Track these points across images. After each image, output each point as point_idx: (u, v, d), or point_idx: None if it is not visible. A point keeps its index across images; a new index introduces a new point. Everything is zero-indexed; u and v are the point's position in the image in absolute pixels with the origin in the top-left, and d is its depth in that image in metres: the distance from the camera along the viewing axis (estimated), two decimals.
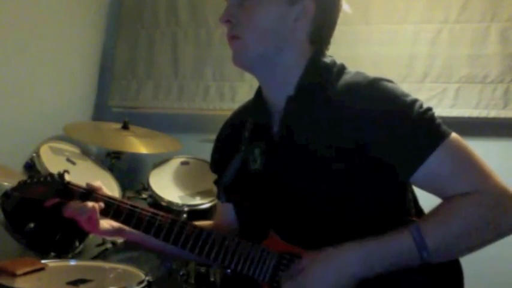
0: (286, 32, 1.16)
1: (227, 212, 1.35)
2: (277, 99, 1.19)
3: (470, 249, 1.06)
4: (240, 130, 1.28)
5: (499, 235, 1.05)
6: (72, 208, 1.27)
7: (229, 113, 1.42)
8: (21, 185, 1.37)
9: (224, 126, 1.40)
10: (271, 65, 1.17)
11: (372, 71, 1.16)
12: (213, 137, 1.43)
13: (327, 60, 1.20)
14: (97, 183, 1.32)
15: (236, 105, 1.42)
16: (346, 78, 1.16)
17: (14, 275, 1.32)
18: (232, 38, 1.17)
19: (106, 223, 1.31)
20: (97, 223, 1.27)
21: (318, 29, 1.19)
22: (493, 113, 2.35)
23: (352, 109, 1.09)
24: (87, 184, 1.32)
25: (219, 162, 1.36)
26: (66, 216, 1.28)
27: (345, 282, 1.04)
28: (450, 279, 1.11)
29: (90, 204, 1.25)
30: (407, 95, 1.10)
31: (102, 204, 1.27)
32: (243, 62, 1.19)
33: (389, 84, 1.12)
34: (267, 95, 1.23)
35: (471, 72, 2.38)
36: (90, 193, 1.29)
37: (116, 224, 1.32)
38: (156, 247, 1.35)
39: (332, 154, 1.10)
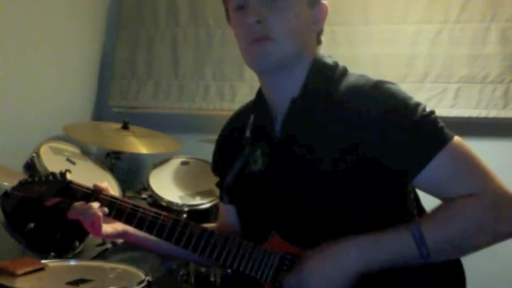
0: (307, 34, 1.18)
1: (229, 213, 1.35)
2: (281, 100, 1.19)
3: (470, 249, 1.06)
4: (241, 132, 1.28)
5: (500, 237, 1.05)
6: (76, 210, 1.25)
7: (229, 113, 1.42)
8: (22, 184, 1.36)
9: (224, 128, 1.40)
10: (290, 67, 1.16)
11: (371, 71, 1.17)
12: (213, 137, 1.42)
13: (329, 61, 1.20)
14: (103, 184, 1.31)
15: (236, 105, 1.42)
16: (349, 80, 1.16)
17: (14, 275, 1.32)
18: (262, 39, 1.12)
19: (109, 227, 1.29)
20: (100, 228, 1.26)
21: (322, 31, 1.22)
22: (493, 113, 2.35)
23: (355, 111, 1.09)
24: (94, 185, 1.31)
25: (220, 164, 1.35)
26: (70, 218, 1.26)
27: (344, 277, 1.04)
28: (452, 278, 1.11)
29: (94, 208, 1.24)
30: (410, 98, 1.10)
31: (106, 210, 1.25)
32: (270, 63, 1.13)
33: (393, 87, 1.12)
34: (271, 96, 1.22)
35: (471, 72, 2.38)
36: (93, 194, 1.28)
37: (119, 227, 1.30)
38: (158, 249, 1.35)
39: (334, 155, 1.10)
